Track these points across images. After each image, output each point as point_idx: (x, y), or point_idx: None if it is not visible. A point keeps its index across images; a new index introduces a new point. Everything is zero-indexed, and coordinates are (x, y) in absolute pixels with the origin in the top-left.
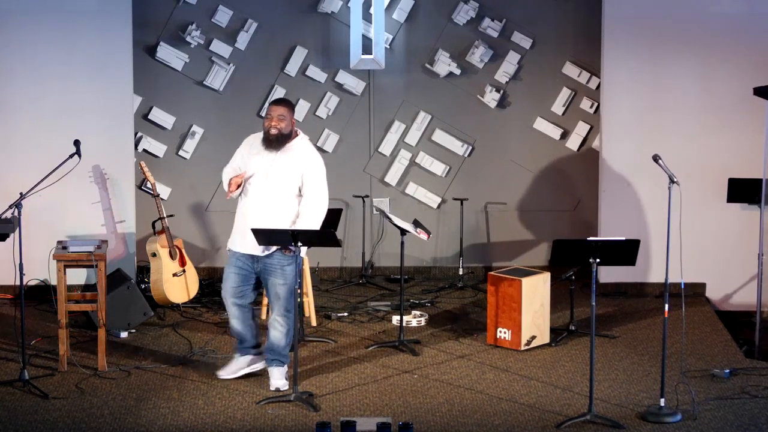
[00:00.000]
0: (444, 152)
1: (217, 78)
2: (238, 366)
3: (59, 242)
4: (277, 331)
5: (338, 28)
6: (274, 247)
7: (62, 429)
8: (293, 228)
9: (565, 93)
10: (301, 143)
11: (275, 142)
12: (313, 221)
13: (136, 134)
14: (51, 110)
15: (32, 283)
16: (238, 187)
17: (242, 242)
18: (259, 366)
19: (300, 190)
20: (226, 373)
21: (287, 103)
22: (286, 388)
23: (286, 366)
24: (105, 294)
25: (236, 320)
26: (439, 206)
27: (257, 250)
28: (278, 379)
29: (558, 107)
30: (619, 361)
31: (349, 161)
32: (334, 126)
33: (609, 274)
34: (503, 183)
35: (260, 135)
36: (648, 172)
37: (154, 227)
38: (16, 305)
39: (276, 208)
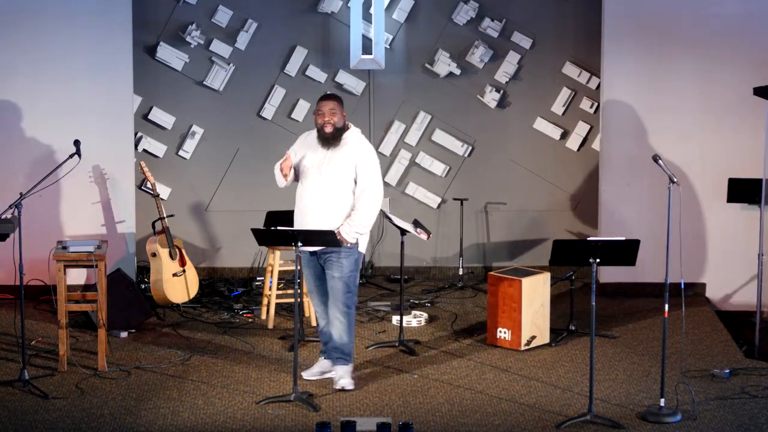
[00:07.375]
0: (444, 152)
1: (217, 78)
2: (322, 368)
3: (59, 242)
4: (337, 329)
5: (338, 28)
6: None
7: (62, 429)
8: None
9: (565, 93)
10: (353, 135)
11: (332, 138)
12: (369, 213)
13: (136, 134)
14: (51, 110)
15: (32, 283)
16: (290, 169)
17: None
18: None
19: (355, 183)
20: (309, 374)
21: (336, 98)
22: (352, 387)
23: (351, 365)
24: (105, 294)
25: (323, 320)
26: (439, 206)
27: (315, 247)
28: (343, 377)
29: (558, 107)
30: (619, 361)
31: None
32: None
33: (609, 274)
34: (503, 183)
35: (314, 132)
36: (648, 172)
37: (154, 227)
38: (16, 305)
39: (332, 203)
